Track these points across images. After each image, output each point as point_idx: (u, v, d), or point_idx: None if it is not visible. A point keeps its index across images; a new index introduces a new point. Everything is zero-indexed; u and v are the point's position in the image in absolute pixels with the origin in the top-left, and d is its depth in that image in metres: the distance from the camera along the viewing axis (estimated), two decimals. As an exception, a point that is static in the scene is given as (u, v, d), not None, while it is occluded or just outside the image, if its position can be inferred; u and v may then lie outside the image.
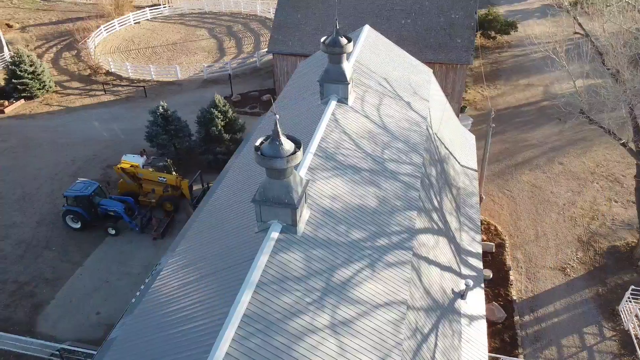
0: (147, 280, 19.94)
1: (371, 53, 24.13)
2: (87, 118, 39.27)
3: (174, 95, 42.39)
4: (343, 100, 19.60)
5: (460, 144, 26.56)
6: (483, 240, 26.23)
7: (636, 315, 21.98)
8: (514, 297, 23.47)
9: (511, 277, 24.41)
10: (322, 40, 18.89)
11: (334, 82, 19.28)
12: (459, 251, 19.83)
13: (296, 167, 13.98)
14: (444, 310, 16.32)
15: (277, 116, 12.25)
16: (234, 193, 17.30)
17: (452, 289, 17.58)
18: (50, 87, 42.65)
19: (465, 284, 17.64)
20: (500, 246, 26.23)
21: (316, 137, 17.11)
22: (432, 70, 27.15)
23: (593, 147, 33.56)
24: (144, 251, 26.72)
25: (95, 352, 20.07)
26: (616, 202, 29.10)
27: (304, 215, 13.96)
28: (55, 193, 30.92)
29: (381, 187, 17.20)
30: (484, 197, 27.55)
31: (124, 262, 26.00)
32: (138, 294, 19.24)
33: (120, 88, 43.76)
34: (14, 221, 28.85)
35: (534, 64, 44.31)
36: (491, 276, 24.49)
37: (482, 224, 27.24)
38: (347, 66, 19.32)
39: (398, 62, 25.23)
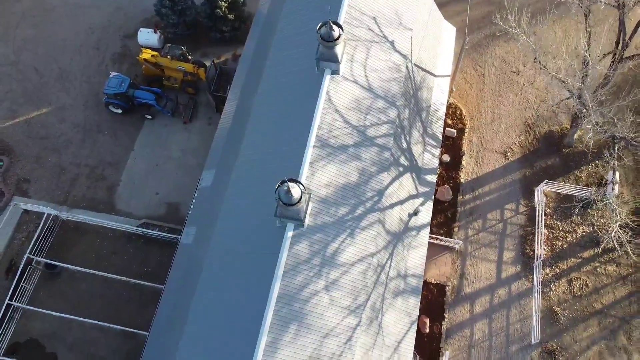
0: (196, 195, 27.90)
1: (363, -13, 26.27)
2: (86, -34, 39.76)
3: None
4: (335, 71, 23.96)
5: (439, 50, 30.46)
6: (448, 125, 32.81)
7: (545, 195, 30.66)
8: (462, 180, 31.65)
9: (463, 162, 32.06)
10: (316, 29, 22.29)
11: (327, 61, 23.35)
12: (419, 173, 27.20)
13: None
14: (400, 235, 24.96)
15: (287, 183, 18.56)
16: (262, 166, 23.74)
17: (408, 213, 25.83)
18: None
19: (416, 211, 25.73)
20: (461, 130, 32.98)
21: (314, 128, 22.66)
22: (420, -23, 28.92)
23: (569, 14, 36.10)
24: (178, 134, 33.62)
25: (164, 231, 29.48)
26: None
27: (308, 211, 21.27)
28: (87, 70, 35.62)
29: (361, 158, 23.67)
30: (454, 89, 32.73)
31: (164, 146, 33.24)
32: (192, 207, 27.52)
33: None
34: (63, 103, 34.65)
35: None
36: (448, 160, 32.13)
37: (450, 107, 33.27)
38: (339, 48, 23.08)
39: (388, -15, 27.27)
